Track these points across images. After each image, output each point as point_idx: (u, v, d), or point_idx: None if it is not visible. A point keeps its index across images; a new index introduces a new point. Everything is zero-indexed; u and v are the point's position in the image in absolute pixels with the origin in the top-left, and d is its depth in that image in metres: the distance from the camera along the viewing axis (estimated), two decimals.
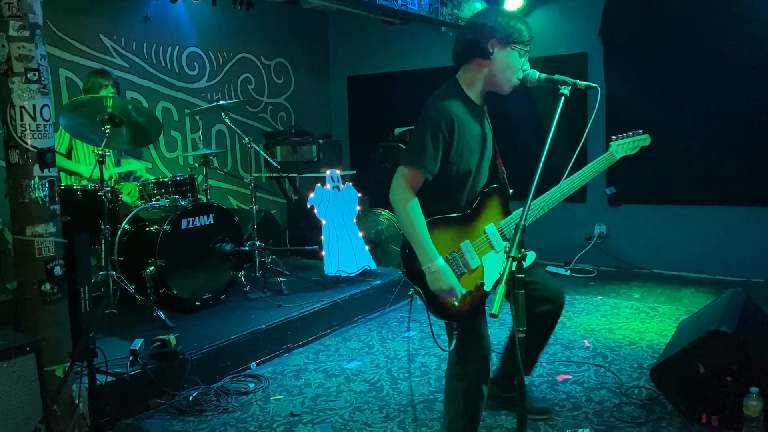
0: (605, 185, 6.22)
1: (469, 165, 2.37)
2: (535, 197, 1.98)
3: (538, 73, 2.28)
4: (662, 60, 5.80)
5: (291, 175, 6.44)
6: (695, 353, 2.91)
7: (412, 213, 2.25)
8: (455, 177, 2.36)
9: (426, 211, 2.27)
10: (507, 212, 2.50)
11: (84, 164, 4.57)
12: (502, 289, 1.76)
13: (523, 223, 1.88)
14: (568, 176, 2.37)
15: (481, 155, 2.42)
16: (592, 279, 5.91)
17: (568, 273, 6.10)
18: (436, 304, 2.33)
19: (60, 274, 2.80)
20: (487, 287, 2.35)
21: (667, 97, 5.77)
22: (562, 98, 2.13)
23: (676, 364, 2.98)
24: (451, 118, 2.26)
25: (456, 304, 2.29)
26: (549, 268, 6.20)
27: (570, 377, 3.58)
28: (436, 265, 2.22)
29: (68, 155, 4.54)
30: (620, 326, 4.46)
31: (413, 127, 2.46)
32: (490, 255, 2.36)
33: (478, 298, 2.36)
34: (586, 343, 4.13)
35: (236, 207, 6.68)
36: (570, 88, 2.17)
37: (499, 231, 2.42)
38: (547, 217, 2.61)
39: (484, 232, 2.39)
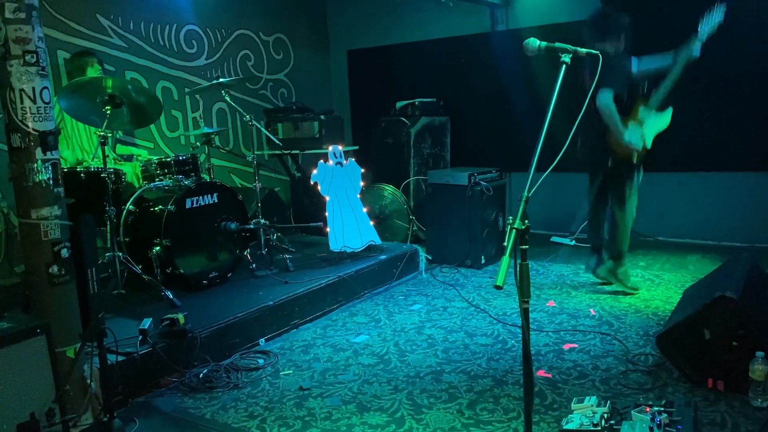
0: None
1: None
2: (537, 168, 1.97)
3: (537, 42, 2.25)
4: (665, 25, 5.71)
5: (293, 152, 6.43)
6: (701, 319, 2.92)
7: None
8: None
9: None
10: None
11: (67, 149, 4.56)
12: (505, 260, 1.77)
13: (526, 194, 1.88)
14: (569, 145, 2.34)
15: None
16: None
17: (573, 243, 6.10)
18: None
19: (67, 256, 2.81)
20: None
21: None
22: (563, 66, 2.11)
23: (682, 331, 3.00)
24: None
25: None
26: (554, 239, 6.21)
27: (576, 346, 3.60)
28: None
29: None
30: (626, 294, 4.47)
31: None
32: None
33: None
34: (592, 311, 4.15)
35: (239, 185, 6.68)
36: (571, 55, 2.15)
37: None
38: (551, 187, 2.61)
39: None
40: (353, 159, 5.30)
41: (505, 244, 1.80)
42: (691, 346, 2.98)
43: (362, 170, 5.31)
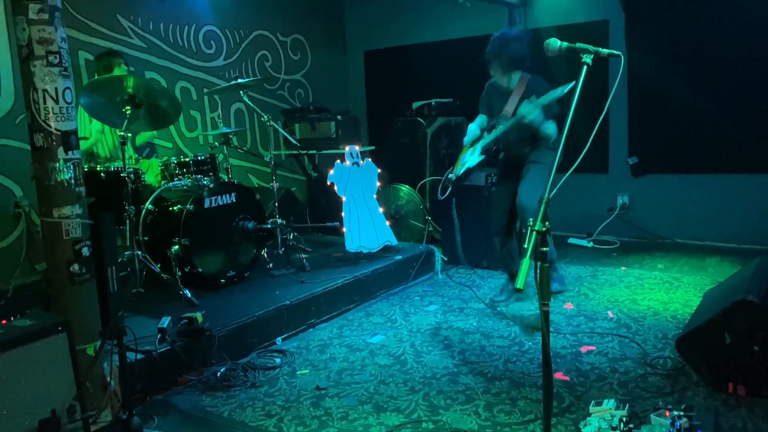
0: (627, 155, 6.14)
1: None
2: (559, 170, 1.96)
3: (559, 42, 2.24)
4: (686, 26, 5.66)
5: (310, 152, 6.45)
6: (721, 323, 2.88)
7: None
8: None
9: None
10: None
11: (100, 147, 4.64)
12: (526, 262, 1.76)
13: (547, 196, 1.87)
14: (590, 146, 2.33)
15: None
16: (614, 250, 5.87)
17: (591, 245, 6.06)
18: None
19: (87, 254, 2.85)
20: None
21: (691, 65, 5.65)
22: (585, 67, 2.10)
23: (702, 334, 2.96)
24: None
25: None
26: (571, 240, 6.17)
27: (594, 348, 3.58)
28: None
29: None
30: (644, 297, 4.43)
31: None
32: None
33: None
34: (610, 314, 4.12)
35: (257, 185, 6.71)
36: (592, 56, 2.13)
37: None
38: (569, 189, 2.59)
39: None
40: (370, 159, 5.30)
41: (525, 245, 1.79)
42: (711, 350, 2.94)
43: (378, 170, 5.31)
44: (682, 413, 2.46)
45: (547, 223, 1.84)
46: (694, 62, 5.64)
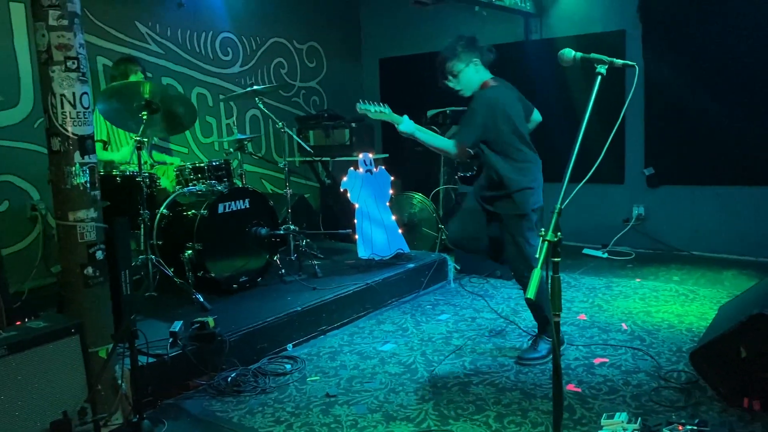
0: (643, 166, 6.10)
1: None
2: (573, 179, 1.95)
3: (573, 52, 2.23)
4: (703, 37, 5.63)
5: (324, 159, 6.46)
6: (737, 337, 2.84)
7: None
8: None
9: None
10: None
11: (115, 149, 4.69)
12: (537, 272, 1.75)
13: (559, 206, 1.86)
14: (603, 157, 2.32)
15: None
16: (630, 261, 5.82)
17: (606, 255, 6.01)
18: None
19: (102, 258, 2.87)
20: None
21: (708, 76, 5.61)
22: (599, 77, 2.09)
23: (717, 348, 2.92)
24: None
25: None
26: (586, 251, 6.13)
27: (607, 360, 3.54)
28: None
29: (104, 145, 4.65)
30: (659, 309, 4.39)
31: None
32: None
33: None
34: (624, 326, 4.08)
35: (270, 191, 6.74)
36: (607, 66, 2.12)
37: None
38: (584, 199, 2.58)
39: None
40: (383, 167, 5.31)
41: (537, 256, 1.78)
42: (726, 364, 2.90)
43: (392, 178, 5.31)
44: (695, 428, 2.44)
45: (559, 233, 1.82)
46: (711, 73, 5.60)
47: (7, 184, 4.69)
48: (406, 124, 3.52)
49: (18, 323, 2.76)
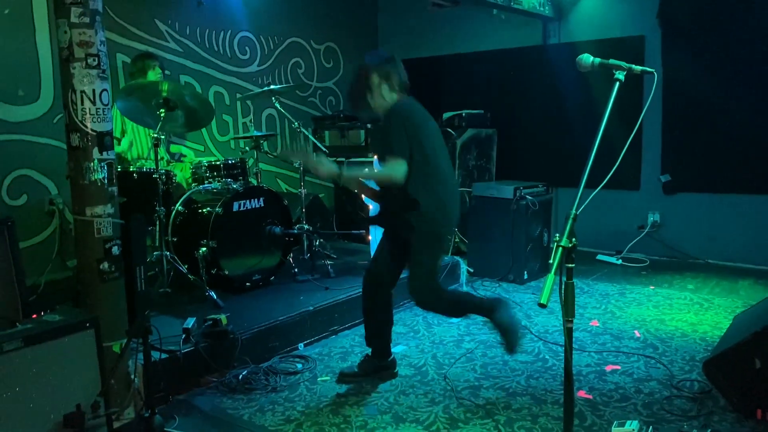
0: (660, 173, 6.05)
1: None
2: (589, 185, 1.94)
3: (591, 58, 2.22)
4: (723, 43, 5.57)
5: (339, 159, 6.45)
6: (752, 347, 2.82)
7: None
8: None
9: None
10: None
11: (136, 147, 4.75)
12: (551, 278, 1.74)
13: (574, 212, 1.85)
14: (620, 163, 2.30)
15: None
16: (644, 268, 5.78)
17: (620, 262, 5.97)
18: None
19: (117, 253, 2.90)
20: None
21: (728, 83, 5.55)
22: (617, 84, 2.08)
23: (731, 358, 2.90)
24: None
25: None
26: (600, 257, 6.09)
27: (619, 368, 3.52)
28: None
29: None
30: (672, 317, 4.35)
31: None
32: None
33: None
34: (637, 333, 4.05)
35: (285, 190, 6.77)
36: (625, 73, 2.11)
37: None
38: (599, 204, 2.57)
39: None
40: None
41: (551, 261, 1.77)
42: (740, 375, 2.87)
43: None
44: None
45: (573, 239, 1.81)
46: (731, 80, 5.54)
47: (25, 178, 4.75)
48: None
49: (34, 316, 2.80)
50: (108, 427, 2.61)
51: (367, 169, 3.09)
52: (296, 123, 5.11)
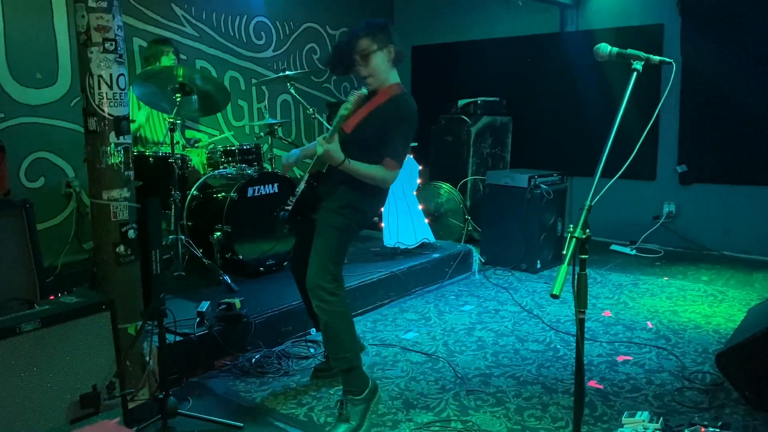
0: (676, 163, 6.00)
1: None
2: (604, 174, 1.93)
3: (609, 47, 2.20)
4: (743, 33, 5.49)
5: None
6: (765, 341, 2.80)
7: None
8: None
9: None
10: None
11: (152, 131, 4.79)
12: (564, 268, 1.74)
13: (589, 202, 1.84)
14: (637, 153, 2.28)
15: None
16: (658, 259, 5.74)
17: (634, 252, 5.94)
18: None
19: (133, 237, 2.93)
20: None
21: (747, 73, 5.47)
22: (635, 74, 2.06)
23: (745, 351, 2.88)
24: None
25: None
26: (613, 247, 6.06)
27: (630, 358, 3.51)
28: None
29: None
30: (686, 309, 4.33)
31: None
32: None
33: None
34: (649, 324, 4.04)
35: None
36: (643, 63, 2.09)
37: None
38: (614, 194, 2.56)
39: None
40: (411, 155, 5.29)
41: (564, 252, 1.77)
42: (753, 368, 2.86)
43: (420, 167, 5.31)
44: (718, 430, 2.41)
45: (587, 230, 1.81)
46: (750, 70, 5.46)
47: (43, 161, 4.80)
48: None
49: (51, 297, 2.84)
50: (123, 408, 2.65)
51: (366, 167, 2.86)
52: (311, 109, 5.11)
